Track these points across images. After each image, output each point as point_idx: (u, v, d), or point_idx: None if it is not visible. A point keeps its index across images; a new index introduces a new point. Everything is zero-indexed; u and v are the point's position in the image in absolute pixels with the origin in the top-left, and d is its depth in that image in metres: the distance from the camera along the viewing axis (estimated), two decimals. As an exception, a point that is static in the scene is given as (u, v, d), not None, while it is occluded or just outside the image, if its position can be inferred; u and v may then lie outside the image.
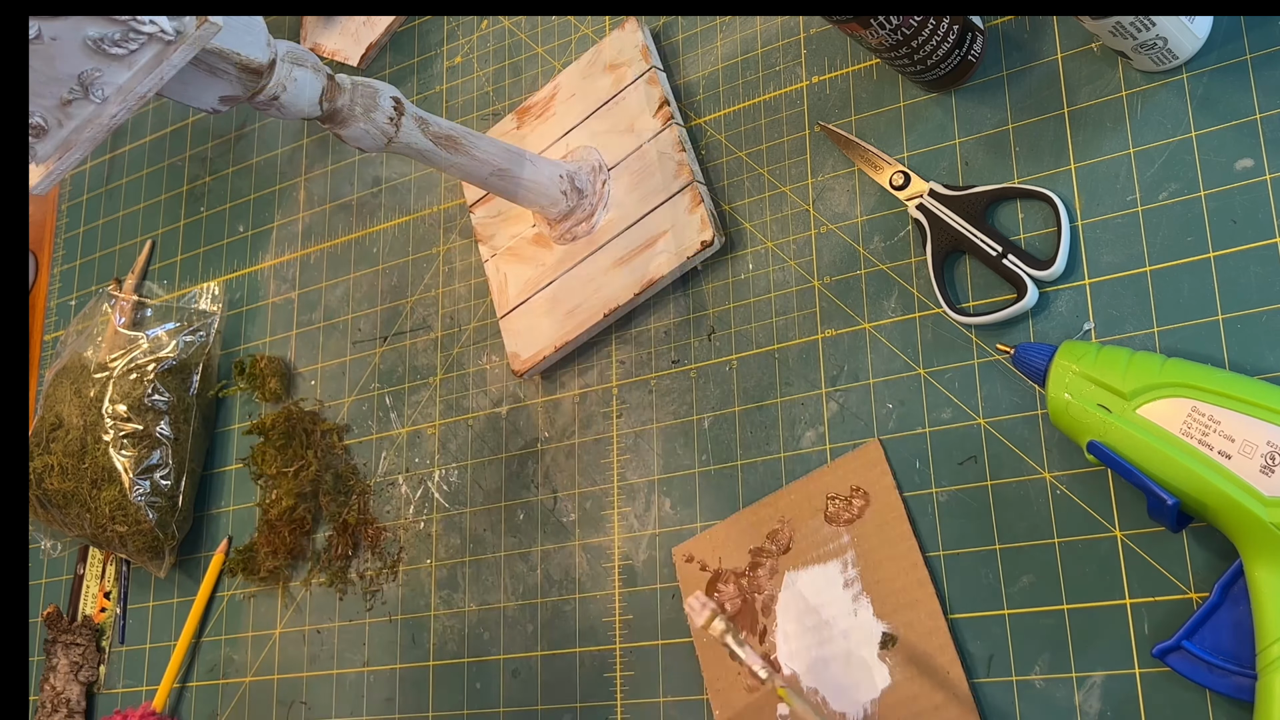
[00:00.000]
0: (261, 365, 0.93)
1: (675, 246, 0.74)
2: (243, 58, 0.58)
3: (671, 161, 0.75)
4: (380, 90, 0.66)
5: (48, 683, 0.97)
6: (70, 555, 1.03)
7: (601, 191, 0.78)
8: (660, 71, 0.78)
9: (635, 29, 0.79)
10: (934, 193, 0.66)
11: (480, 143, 0.71)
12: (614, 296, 0.76)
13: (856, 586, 0.64)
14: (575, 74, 0.82)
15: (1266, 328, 0.56)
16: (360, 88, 0.65)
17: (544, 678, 0.75)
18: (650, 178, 0.76)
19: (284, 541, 0.88)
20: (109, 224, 1.12)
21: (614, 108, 0.79)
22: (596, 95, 0.80)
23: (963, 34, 0.64)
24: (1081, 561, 0.59)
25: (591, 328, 0.77)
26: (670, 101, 0.77)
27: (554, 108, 0.82)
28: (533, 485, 0.79)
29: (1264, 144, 0.58)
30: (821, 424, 0.68)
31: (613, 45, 0.80)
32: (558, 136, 0.81)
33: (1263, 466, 0.50)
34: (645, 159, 0.77)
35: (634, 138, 0.78)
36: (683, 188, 0.75)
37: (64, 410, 0.94)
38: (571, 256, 0.79)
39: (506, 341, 0.81)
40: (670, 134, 0.76)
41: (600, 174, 0.78)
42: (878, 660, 0.63)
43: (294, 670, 0.86)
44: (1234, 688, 0.52)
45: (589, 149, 0.79)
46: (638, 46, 0.79)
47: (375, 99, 0.65)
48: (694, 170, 0.75)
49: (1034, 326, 0.63)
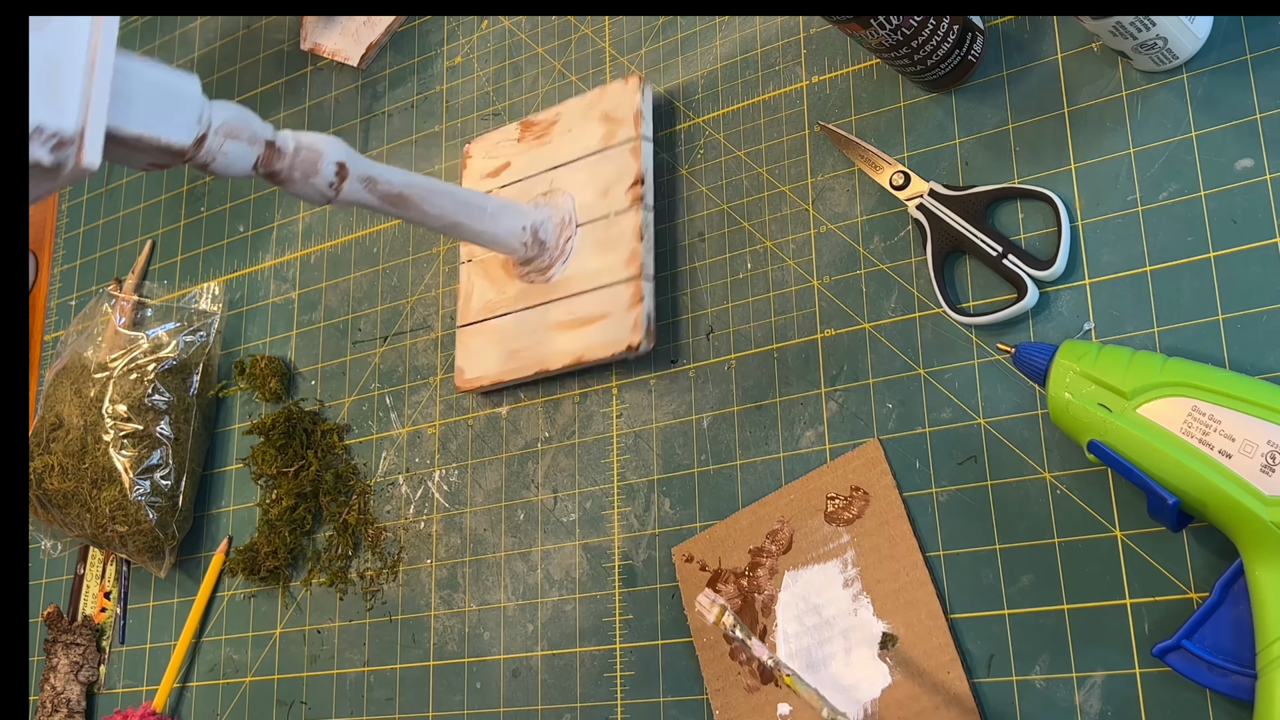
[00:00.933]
0: (261, 365, 0.93)
1: (606, 337, 0.74)
2: (163, 141, 0.58)
3: (626, 248, 0.74)
4: (325, 155, 0.64)
5: (48, 683, 0.97)
6: (70, 555, 1.03)
7: (564, 247, 0.77)
8: (647, 142, 0.76)
9: (636, 90, 0.77)
10: (934, 193, 0.66)
11: (433, 198, 0.70)
12: (547, 359, 0.77)
13: (856, 586, 0.64)
14: (577, 109, 0.80)
15: (1266, 327, 0.56)
16: (303, 153, 0.63)
17: (544, 678, 0.75)
18: (609, 252, 0.75)
19: (284, 541, 0.88)
20: (109, 224, 1.12)
21: (599, 161, 0.78)
22: (586, 142, 0.79)
23: (963, 34, 0.64)
24: (1081, 561, 0.59)
25: (524, 378, 0.78)
26: (645, 179, 0.75)
27: (552, 135, 0.81)
28: (533, 485, 0.79)
29: (1264, 144, 0.58)
30: (821, 424, 0.68)
31: (613, 96, 0.78)
32: (546, 168, 0.80)
33: (1263, 466, 0.50)
34: (610, 230, 0.76)
35: (606, 203, 0.76)
36: (629, 279, 0.74)
37: (64, 410, 0.94)
38: (527, 297, 0.79)
39: (458, 353, 0.81)
40: (634, 217, 0.75)
41: (567, 228, 0.77)
42: (878, 660, 0.63)
43: (294, 670, 0.86)
44: (1234, 687, 0.52)
45: (567, 195, 0.78)
46: (633, 109, 0.77)
47: (317, 164, 0.64)
48: (645, 264, 0.73)
49: (1034, 326, 0.63)
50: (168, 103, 0.58)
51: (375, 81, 0.97)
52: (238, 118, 0.61)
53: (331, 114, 0.98)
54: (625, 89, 0.78)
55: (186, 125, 0.59)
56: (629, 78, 0.78)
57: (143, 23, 1.17)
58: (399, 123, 0.94)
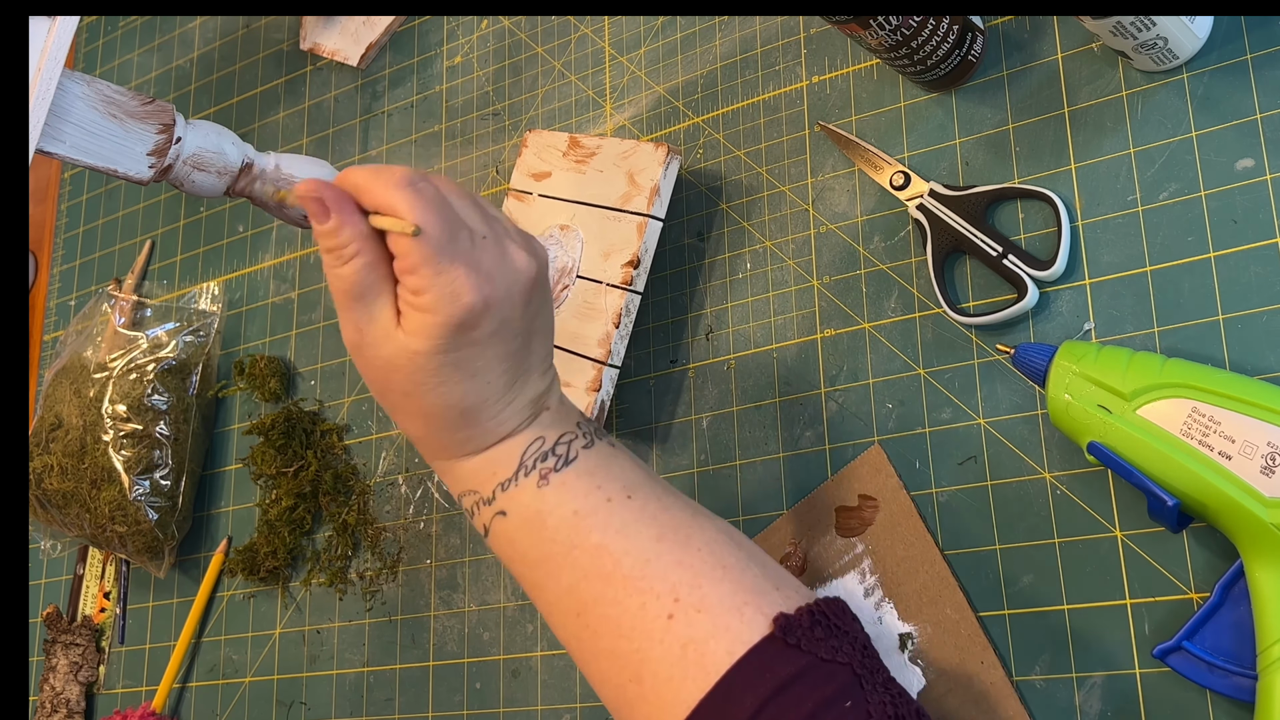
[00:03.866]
0: (261, 365, 0.93)
1: None
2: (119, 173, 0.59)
3: (602, 328, 0.73)
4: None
5: (47, 683, 0.97)
6: (70, 555, 1.03)
7: (559, 295, 0.75)
8: (655, 222, 0.73)
9: (661, 162, 0.73)
10: (934, 193, 0.66)
11: None
12: None
13: (878, 594, 0.64)
14: (613, 153, 0.76)
15: (1267, 328, 0.56)
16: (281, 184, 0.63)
17: (544, 678, 0.75)
18: (590, 321, 0.74)
19: (283, 542, 0.88)
20: (108, 224, 1.12)
21: (612, 220, 0.75)
22: (609, 192, 0.75)
23: (963, 34, 0.64)
24: (1082, 561, 0.59)
25: None
26: (641, 262, 0.72)
27: (588, 167, 0.77)
28: (532, 485, 0.79)
29: (1264, 144, 0.58)
30: (821, 424, 0.68)
31: (642, 157, 0.74)
32: (574, 198, 0.78)
33: (1263, 467, 0.50)
34: (596, 299, 0.74)
35: (604, 268, 0.74)
36: (595, 360, 0.72)
37: (64, 410, 0.94)
38: None
39: None
40: (617, 299, 0.73)
41: (566, 277, 0.75)
42: (909, 664, 0.62)
43: (294, 670, 0.86)
44: (1234, 688, 0.52)
45: (578, 240, 0.76)
46: (651, 183, 0.73)
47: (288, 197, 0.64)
48: (615, 351, 0.72)
49: (1034, 326, 0.62)
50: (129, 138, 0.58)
51: (375, 81, 0.97)
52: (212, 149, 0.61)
53: (331, 114, 0.98)
54: (652, 156, 0.74)
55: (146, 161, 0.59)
56: (660, 145, 0.73)
57: (142, 23, 1.17)
58: (399, 122, 0.94)
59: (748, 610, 0.47)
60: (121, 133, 0.58)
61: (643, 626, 0.48)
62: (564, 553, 0.51)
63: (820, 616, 0.47)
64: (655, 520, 0.51)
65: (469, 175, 0.89)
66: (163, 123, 0.59)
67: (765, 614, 0.47)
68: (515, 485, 0.52)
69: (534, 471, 0.51)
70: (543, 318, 0.53)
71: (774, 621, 0.47)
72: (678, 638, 0.47)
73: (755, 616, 0.47)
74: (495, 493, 0.52)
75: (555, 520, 0.51)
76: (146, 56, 1.16)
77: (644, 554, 0.49)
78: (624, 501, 0.51)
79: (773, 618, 0.47)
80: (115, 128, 0.58)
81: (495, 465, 0.52)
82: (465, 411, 0.51)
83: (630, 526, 0.50)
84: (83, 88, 0.57)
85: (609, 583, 0.49)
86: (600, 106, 0.83)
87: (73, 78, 0.57)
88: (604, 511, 0.51)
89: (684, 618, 0.47)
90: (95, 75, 0.86)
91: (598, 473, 0.52)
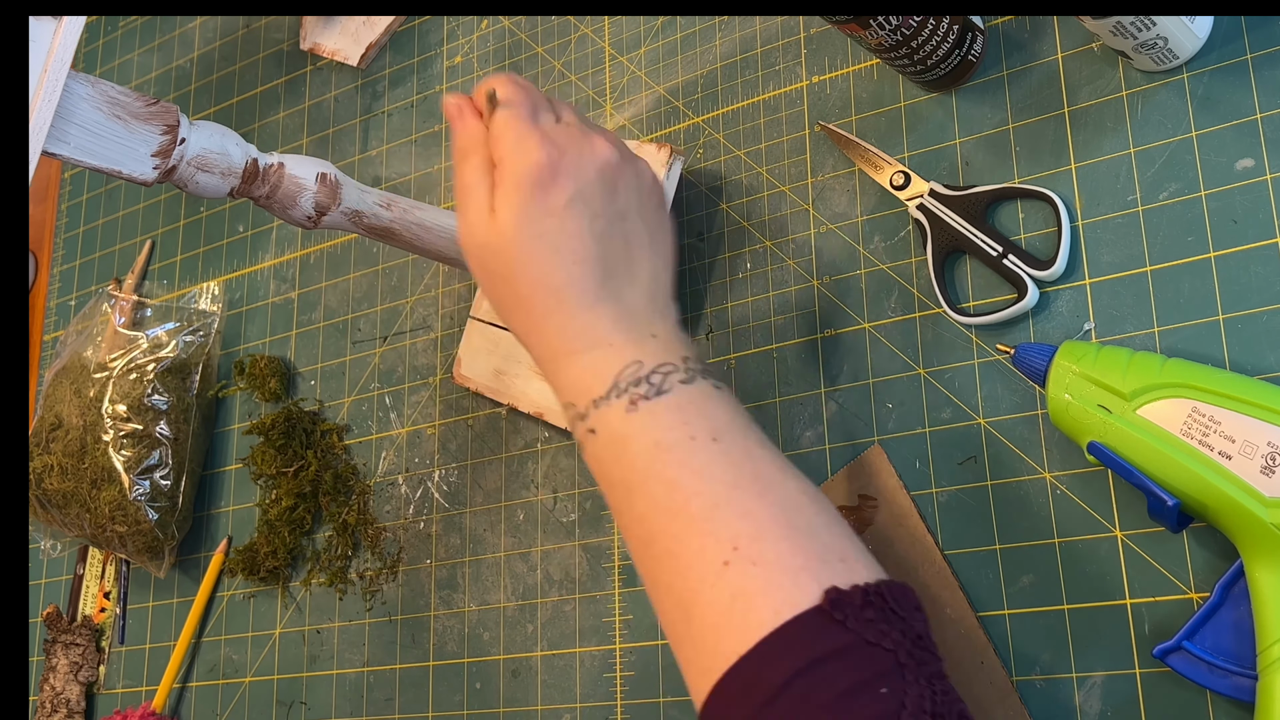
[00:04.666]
0: (261, 365, 0.93)
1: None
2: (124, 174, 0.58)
3: None
4: (303, 193, 0.64)
5: (47, 683, 0.97)
6: (70, 555, 1.03)
7: None
8: None
9: (664, 163, 0.72)
10: (934, 193, 0.66)
11: (425, 236, 0.69)
12: (518, 397, 0.77)
13: None
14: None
15: (1267, 328, 0.56)
16: (286, 185, 0.63)
17: (544, 678, 0.75)
18: None
19: (283, 541, 0.88)
20: (109, 224, 1.12)
21: None
22: None
23: (963, 34, 0.64)
24: (1081, 561, 0.59)
25: (499, 403, 0.78)
26: None
27: None
28: (533, 485, 0.79)
29: (1264, 144, 0.58)
30: (821, 424, 0.68)
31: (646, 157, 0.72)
32: None
33: (1263, 467, 0.50)
34: None
35: None
36: None
37: (64, 410, 0.94)
38: None
39: (463, 343, 0.81)
40: None
41: None
42: None
43: (294, 670, 0.86)
44: (1234, 688, 0.52)
45: None
46: None
47: (296, 199, 0.64)
48: None
49: (1034, 326, 0.62)
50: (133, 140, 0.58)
51: (375, 81, 0.97)
52: (216, 150, 0.61)
53: (331, 114, 0.98)
54: (655, 156, 0.73)
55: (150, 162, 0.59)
56: (663, 145, 0.73)
57: (142, 23, 1.17)
58: (399, 122, 0.94)
59: (803, 576, 0.47)
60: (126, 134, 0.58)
61: (699, 569, 0.48)
62: (640, 481, 0.51)
63: (875, 597, 0.46)
64: (735, 467, 0.50)
65: (469, 175, 0.89)
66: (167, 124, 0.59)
67: (820, 583, 0.46)
68: (606, 405, 0.53)
69: (625, 395, 0.52)
70: (638, 221, 0.57)
71: (825, 593, 0.46)
72: (729, 586, 0.47)
73: (810, 584, 0.46)
74: (588, 409, 0.53)
75: (637, 447, 0.51)
76: (146, 56, 1.16)
77: (714, 498, 0.49)
78: (708, 443, 0.51)
79: (825, 589, 0.46)
80: (119, 129, 0.57)
81: (591, 377, 0.53)
82: (554, 291, 0.54)
83: (707, 469, 0.50)
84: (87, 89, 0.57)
85: (675, 519, 0.50)
86: (600, 106, 0.83)
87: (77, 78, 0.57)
88: (684, 449, 0.51)
89: (739, 568, 0.47)
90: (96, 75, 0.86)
91: (688, 409, 0.52)
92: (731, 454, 0.51)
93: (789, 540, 0.48)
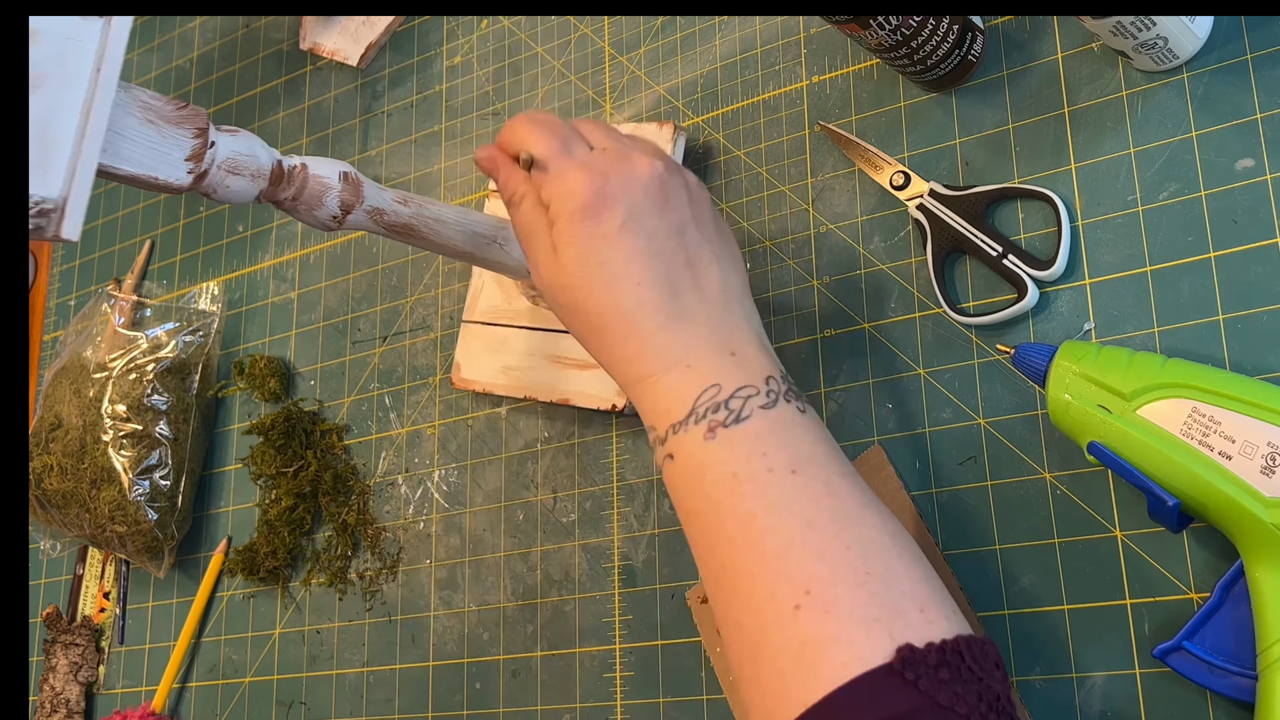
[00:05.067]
0: (261, 365, 0.93)
1: (596, 389, 0.74)
2: (159, 180, 0.57)
3: None
4: (328, 192, 0.63)
5: (47, 683, 0.97)
6: (70, 555, 1.03)
7: None
8: None
9: (669, 140, 0.74)
10: (934, 193, 0.66)
11: (440, 229, 0.69)
12: (538, 389, 0.76)
13: None
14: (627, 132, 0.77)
15: (1267, 328, 0.56)
16: (311, 185, 0.62)
17: (544, 678, 0.75)
18: None
19: (283, 542, 0.88)
20: (108, 224, 1.12)
21: None
22: None
23: (963, 34, 0.64)
24: (1081, 561, 0.59)
25: (513, 397, 0.78)
26: None
27: None
28: (533, 485, 0.79)
29: (1265, 144, 0.58)
30: (821, 424, 0.68)
31: (649, 136, 0.75)
32: None
33: (1263, 467, 0.50)
34: None
35: None
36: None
37: (63, 410, 0.94)
38: (533, 317, 0.78)
39: (459, 348, 0.81)
40: None
41: None
42: None
43: (294, 670, 0.86)
44: (1234, 688, 0.52)
45: None
46: None
47: (321, 199, 0.63)
48: None
49: (1034, 326, 0.62)
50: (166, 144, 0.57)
51: (375, 81, 0.97)
52: (245, 152, 0.60)
53: (331, 114, 0.98)
54: (658, 135, 0.74)
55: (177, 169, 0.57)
56: (665, 123, 0.74)
57: (142, 23, 1.17)
58: (398, 122, 0.94)
59: (877, 628, 0.44)
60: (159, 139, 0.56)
61: (770, 611, 0.46)
62: (713, 512, 0.50)
63: (952, 655, 0.44)
64: (814, 503, 0.48)
65: (469, 175, 0.89)
66: (197, 127, 0.58)
67: (894, 638, 0.44)
68: (685, 431, 0.51)
69: (704, 421, 0.51)
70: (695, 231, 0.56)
71: (898, 650, 0.44)
72: (798, 633, 0.45)
73: (882, 637, 0.44)
74: (668, 434, 0.52)
75: (713, 477, 0.50)
76: (146, 56, 1.16)
77: (790, 537, 0.47)
78: (786, 476, 0.49)
79: (898, 646, 0.44)
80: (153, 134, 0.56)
81: (671, 401, 0.52)
82: (625, 316, 0.54)
83: (784, 503, 0.48)
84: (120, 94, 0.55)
85: (748, 555, 0.48)
86: (600, 106, 0.83)
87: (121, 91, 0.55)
88: (762, 481, 0.49)
89: (810, 614, 0.45)
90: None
91: (768, 438, 0.50)
92: (810, 488, 0.49)
93: (865, 588, 0.46)
